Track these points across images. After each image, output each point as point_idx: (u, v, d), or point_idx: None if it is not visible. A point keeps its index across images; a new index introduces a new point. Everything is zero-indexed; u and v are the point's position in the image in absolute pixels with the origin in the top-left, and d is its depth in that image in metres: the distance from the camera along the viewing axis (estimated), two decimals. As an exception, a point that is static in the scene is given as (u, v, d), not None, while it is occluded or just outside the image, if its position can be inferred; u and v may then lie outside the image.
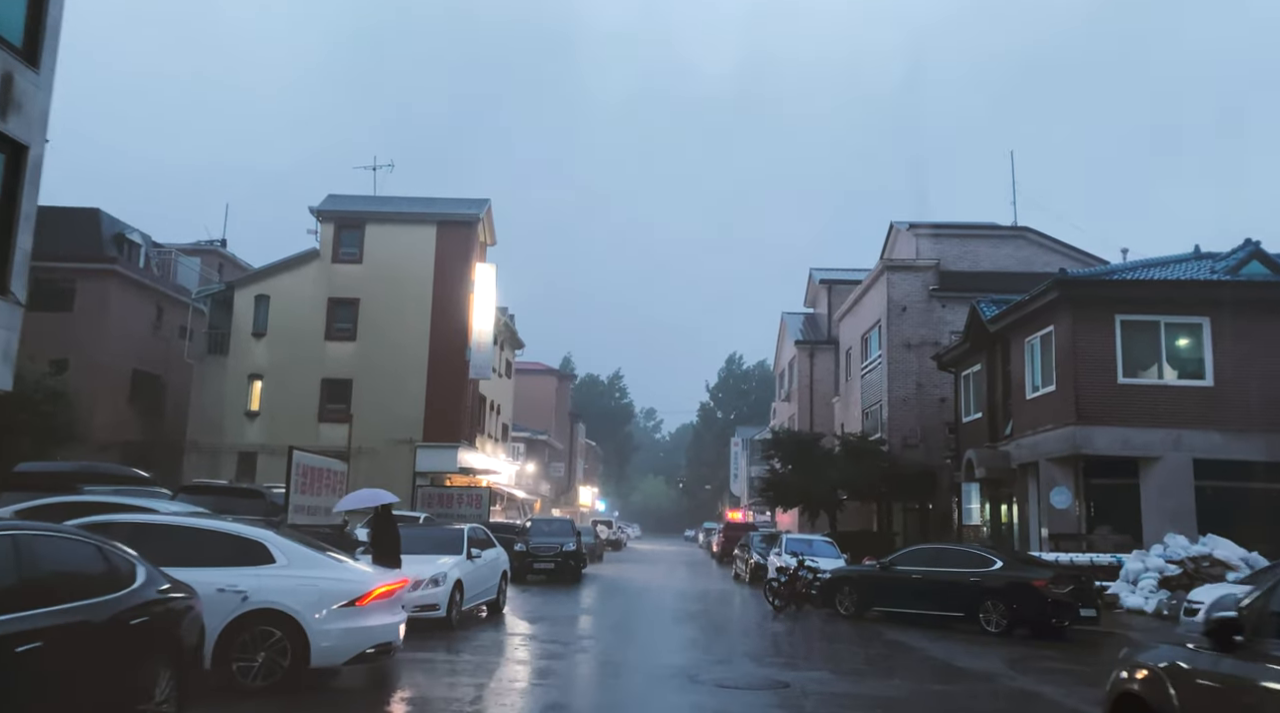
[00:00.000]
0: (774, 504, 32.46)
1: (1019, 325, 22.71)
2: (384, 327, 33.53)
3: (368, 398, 33.15)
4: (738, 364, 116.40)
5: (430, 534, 15.58)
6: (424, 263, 33.96)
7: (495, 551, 16.51)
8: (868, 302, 34.30)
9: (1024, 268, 31.67)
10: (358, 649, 8.68)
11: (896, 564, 17.59)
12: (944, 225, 32.96)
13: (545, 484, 64.02)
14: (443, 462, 32.72)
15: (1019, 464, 22.78)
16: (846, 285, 41.88)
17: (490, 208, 36.20)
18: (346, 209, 34.73)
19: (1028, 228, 32.59)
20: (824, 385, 43.30)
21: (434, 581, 13.40)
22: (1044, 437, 21.17)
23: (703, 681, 9.84)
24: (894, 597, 17.34)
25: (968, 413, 27.21)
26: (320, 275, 34.07)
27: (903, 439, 30.48)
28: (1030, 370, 22.41)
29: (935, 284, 31.21)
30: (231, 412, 33.02)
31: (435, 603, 13.30)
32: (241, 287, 34.29)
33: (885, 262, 31.89)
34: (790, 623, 17.13)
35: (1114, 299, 20.10)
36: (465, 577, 14.29)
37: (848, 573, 18.67)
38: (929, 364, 30.53)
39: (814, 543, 23.65)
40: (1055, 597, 15.28)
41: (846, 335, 38.37)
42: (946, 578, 16.46)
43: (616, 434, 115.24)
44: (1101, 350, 19.94)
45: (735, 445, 74.68)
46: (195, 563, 8.35)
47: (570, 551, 25.08)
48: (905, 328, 31.08)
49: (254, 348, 33.87)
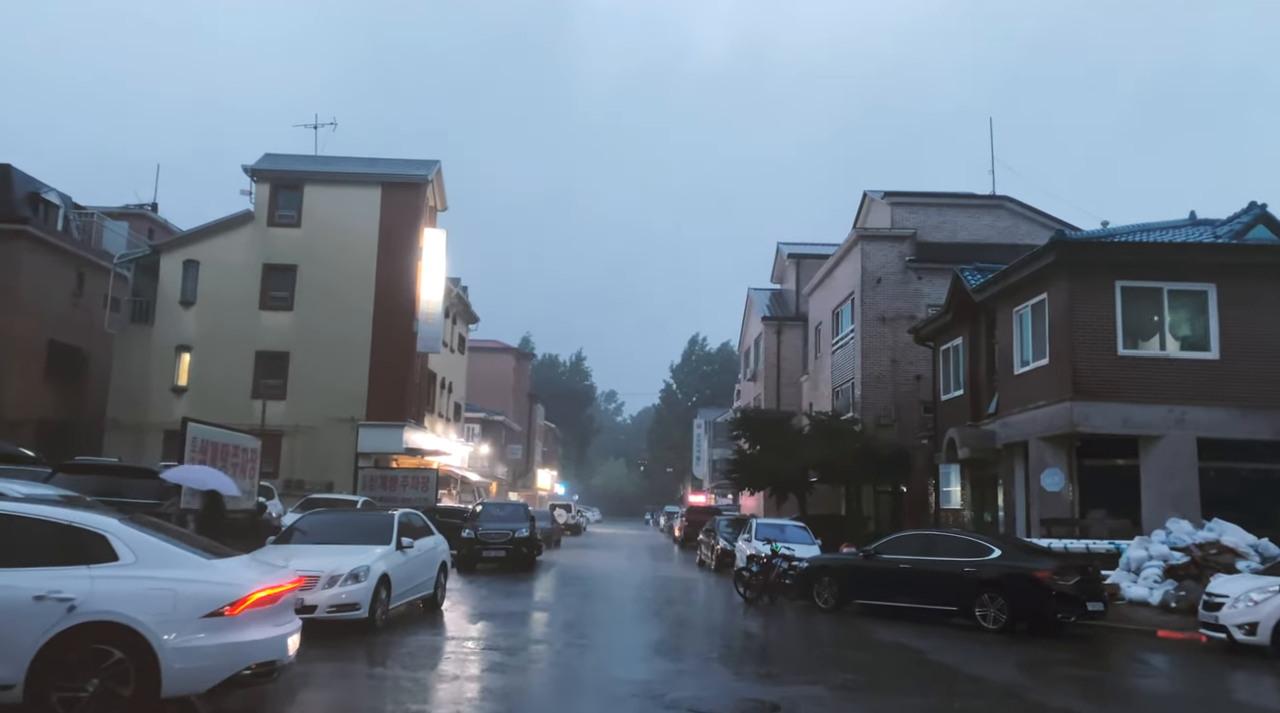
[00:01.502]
0: (740, 486, 30.78)
1: (1008, 294, 21.11)
2: (324, 296, 31.16)
3: (306, 373, 30.83)
4: (701, 345, 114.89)
5: (354, 521, 13.54)
6: (368, 228, 31.60)
7: (433, 539, 14.50)
8: (840, 275, 32.64)
9: (1004, 239, 30.23)
10: (228, 671, 6.66)
11: (882, 552, 15.92)
12: (921, 194, 31.34)
13: (502, 467, 61.88)
14: (387, 442, 30.53)
15: (1005, 444, 21.24)
16: (816, 260, 40.25)
17: (440, 170, 33.87)
18: (283, 168, 32.19)
19: (1007, 197, 31.11)
20: (791, 364, 41.68)
21: (354, 575, 11.37)
22: (1035, 414, 19.61)
23: (673, 703, 7.97)
24: (879, 588, 15.70)
25: (947, 390, 25.66)
26: (255, 240, 31.55)
27: (876, 418, 28.90)
28: (1020, 343, 20.83)
29: (912, 255, 29.61)
30: (157, 387, 30.48)
31: (355, 602, 11.28)
32: (168, 252, 31.66)
33: (859, 231, 30.21)
34: (765, 618, 15.38)
35: (1115, 264, 18.53)
36: (394, 570, 12.27)
37: (827, 562, 16.96)
38: (904, 339, 28.97)
39: (786, 528, 21.97)
40: (1060, 589, 13.71)
41: (816, 311, 36.72)
42: (938, 568, 14.83)
43: (578, 416, 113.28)
44: (1100, 320, 18.37)
45: (698, 427, 73.11)
46: (4, 562, 6.33)
47: (523, 537, 23.13)
48: (880, 301, 29.45)
49: (182, 318, 31.31)
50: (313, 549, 12.20)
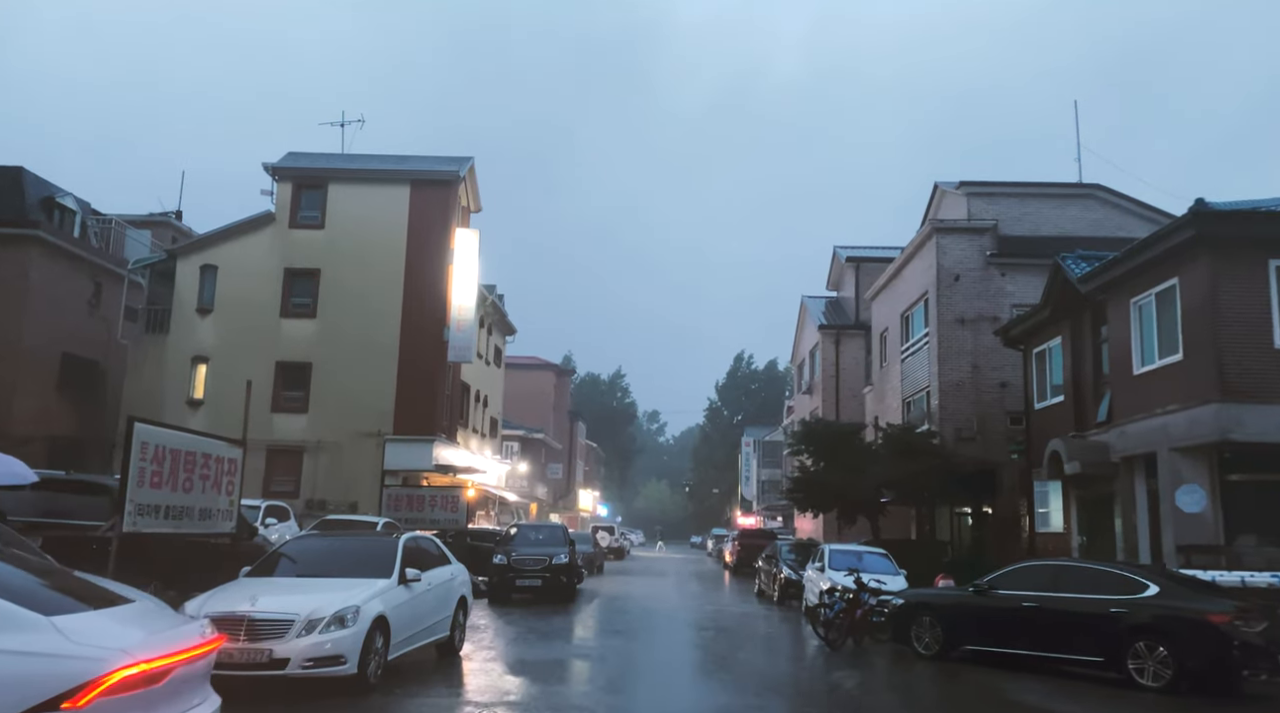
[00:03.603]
0: (804, 507, 27.71)
1: (1123, 282, 18.02)
2: (349, 302, 28.93)
3: (329, 384, 28.56)
4: (747, 363, 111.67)
5: (350, 548, 10.93)
6: (396, 228, 29.35)
7: (449, 569, 11.88)
8: (910, 274, 29.64)
9: (1095, 232, 27.08)
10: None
11: (997, 587, 12.99)
12: (1000, 183, 28.31)
13: (542, 487, 59.30)
14: (416, 459, 28.08)
15: (1122, 456, 18.09)
16: (877, 263, 37.27)
17: (473, 167, 31.58)
18: (306, 166, 30.14)
19: (1099, 185, 27.94)
20: (851, 375, 38.61)
21: (339, 619, 8.78)
22: (1165, 421, 16.47)
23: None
24: (995, 632, 12.77)
25: (1042, 398, 22.53)
26: (276, 242, 29.46)
27: (956, 431, 25.77)
28: (1140, 338, 17.72)
29: (993, 249, 26.54)
30: (171, 400, 28.40)
31: (340, 654, 8.67)
32: (184, 256, 29.69)
33: (933, 222, 27.19)
34: (857, 670, 12.49)
35: (1267, 240, 15.43)
36: (395, 610, 9.67)
37: (929, 599, 14.00)
38: (986, 343, 25.88)
39: (864, 556, 18.98)
40: (1244, 638, 10.67)
41: (881, 316, 33.69)
42: (1075, 607, 11.88)
43: (619, 436, 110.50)
44: (1251, 306, 15.26)
45: (747, 446, 69.95)
46: None
47: (562, 564, 20.44)
48: (958, 300, 26.39)
49: (198, 326, 29.26)
50: (291, 584, 9.67)
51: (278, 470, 27.87)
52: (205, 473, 10.79)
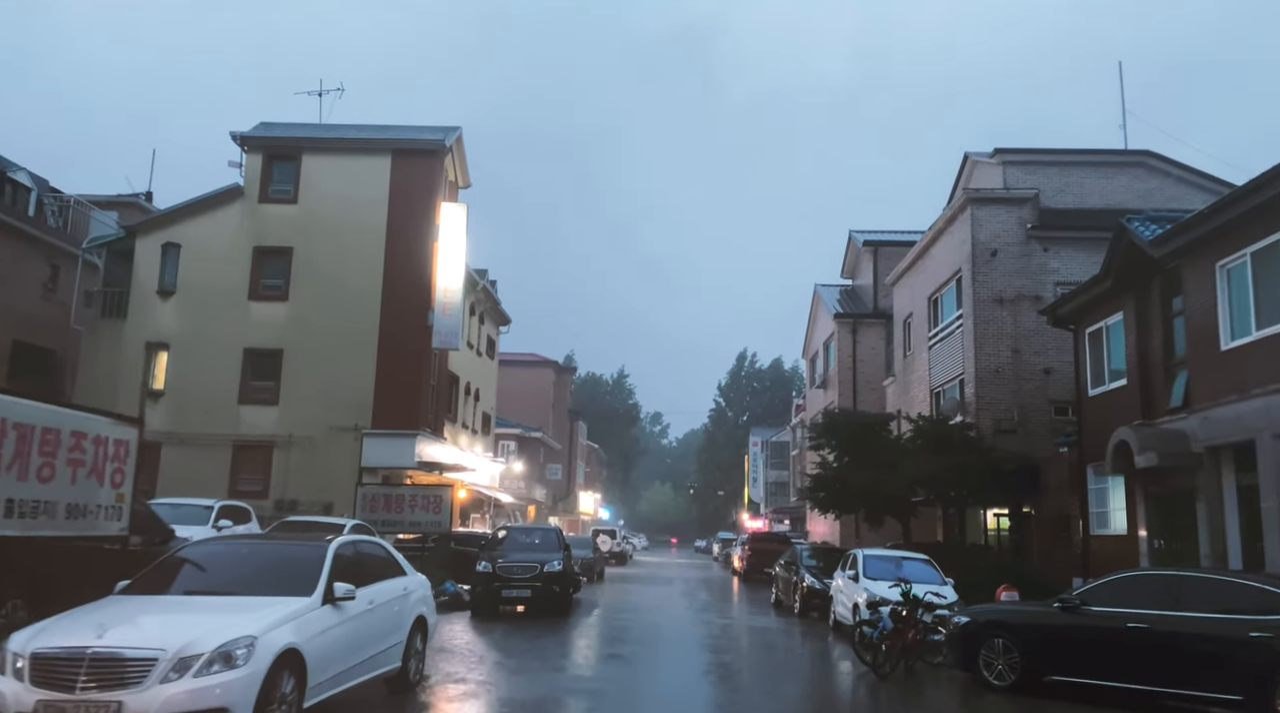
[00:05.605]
0: (825, 507, 25.06)
1: (1205, 243, 15.44)
2: (324, 283, 26.37)
3: (302, 373, 25.99)
4: (750, 362, 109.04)
5: (259, 556, 8.29)
6: (376, 203, 26.79)
7: (402, 582, 9.31)
8: (939, 252, 27.04)
9: (1145, 203, 24.41)
10: None
11: (1091, 602, 10.40)
12: (1039, 150, 25.72)
13: (540, 489, 56.66)
14: (397, 455, 25.50)
15: (1207, 446, 15.48)
16: (898, 247, 34.69)
17: (461, 137, 29.00)
18: (279, 135, 27.60)
19: (1149, 152, 25.34)
20: (870, 366, 36.02)
21: (223, 658, 6.21)
22: (1266, 403, 13.87)
23: None
24: (1090, 659, 10.20)
25: (1098, 383, 19.92)
26: (244, 219, 26.89)
27: (995, 422, 23.16)
28: (1231, 307, 15.14)
29: (1034, 221, 23.95)
30: (127, 390, 25.77)
31: (222, 707, 6.08)
32: (144, 234, 27.10)
33: (967, 192, 24.57)
34: (919, 707, 9.88)
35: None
36: (313, 641, 7.07)
37: (1002, 617, 11.38)
38: (1028, 324, 23.32)
39: (904, 563, 16.36)
40: None
41: (904, 301, 31.09)
42: (1201, 629, 9.33)
43: (621, 437, 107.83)
44: (1378, 262, 12.71)
45: (754, 447, 67.31)
46: None
47: (554, 572, 17.83)
48: (996, 278, 23.78)
49: (159, 310, 26.69)
50: (169, 605, 7.12)
51: (245, 468, 25.32)
52: (76, 458, 8.21)
